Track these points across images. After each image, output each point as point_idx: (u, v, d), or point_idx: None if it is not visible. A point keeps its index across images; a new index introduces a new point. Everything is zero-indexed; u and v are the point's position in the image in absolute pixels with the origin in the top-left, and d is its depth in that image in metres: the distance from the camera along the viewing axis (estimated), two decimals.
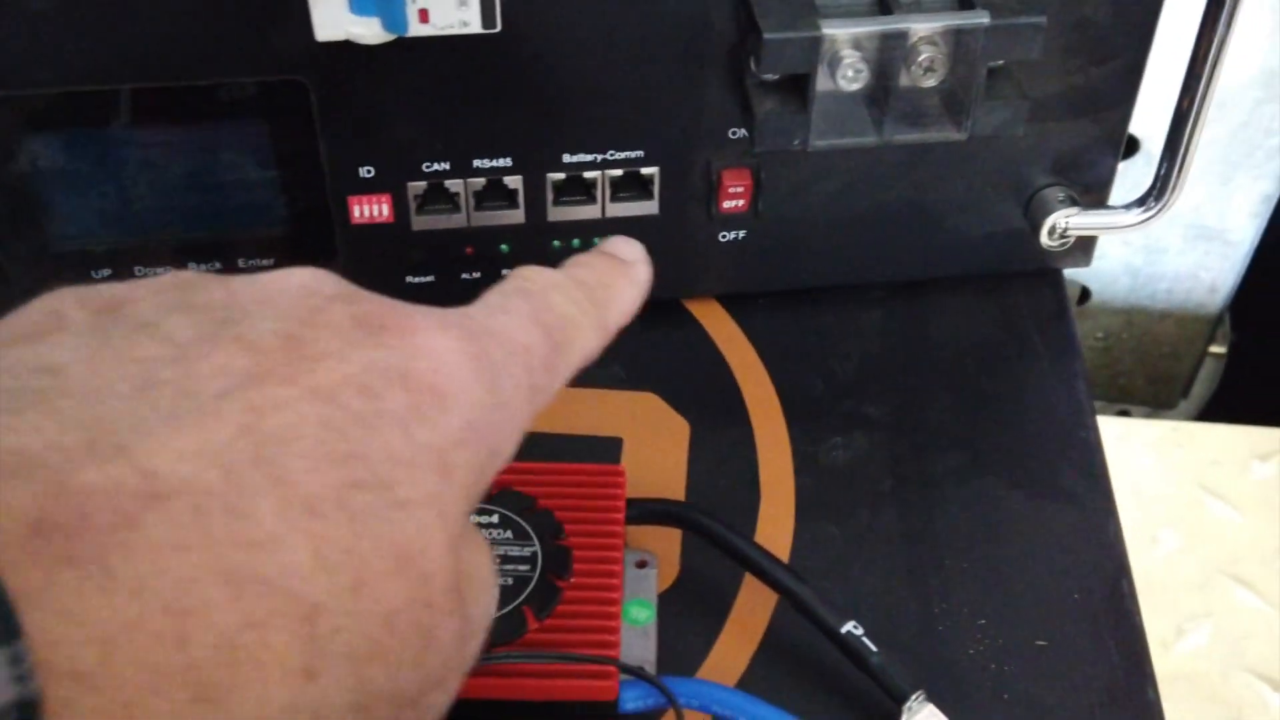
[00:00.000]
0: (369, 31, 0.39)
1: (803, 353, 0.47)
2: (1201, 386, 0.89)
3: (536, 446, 0.44)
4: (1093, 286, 0.82)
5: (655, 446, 0.44)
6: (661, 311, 0.48)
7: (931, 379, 0.46)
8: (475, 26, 0.39)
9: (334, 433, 0.22)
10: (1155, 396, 0.89)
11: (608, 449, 0.44)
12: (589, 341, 0.29)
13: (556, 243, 0.46)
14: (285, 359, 0.23)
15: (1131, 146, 0.70)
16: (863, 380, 0.46)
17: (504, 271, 0.46)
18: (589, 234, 0.46)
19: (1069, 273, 0.50)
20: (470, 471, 0.24)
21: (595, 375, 0.46)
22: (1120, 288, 0.83)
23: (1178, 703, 0.68)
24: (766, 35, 0.38)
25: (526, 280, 0.29)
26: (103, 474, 0.20)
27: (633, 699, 0.35)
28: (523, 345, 0.27)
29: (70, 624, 0.19)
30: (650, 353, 0.47)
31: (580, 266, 0.31)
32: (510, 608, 0.36)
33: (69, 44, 0.39)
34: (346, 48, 0.40)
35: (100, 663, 0.19)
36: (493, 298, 0.28)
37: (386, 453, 0.22)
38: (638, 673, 0.35)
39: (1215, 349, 0.86)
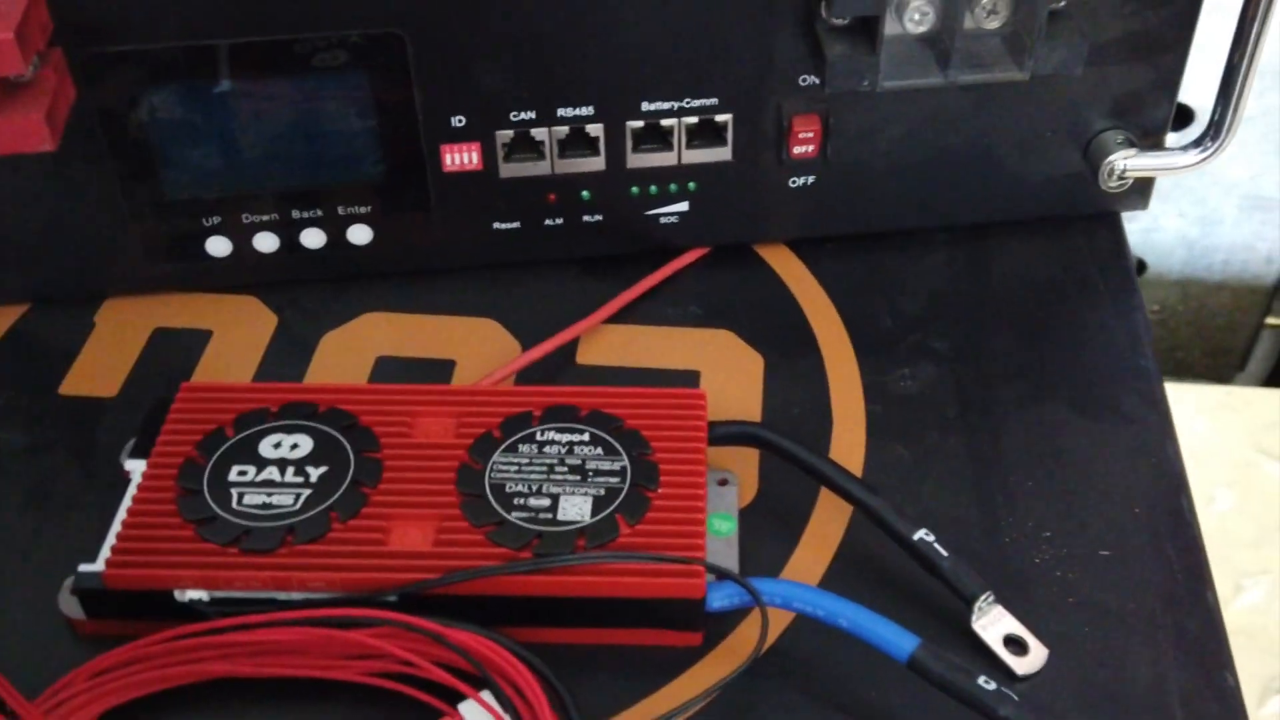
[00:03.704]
0: None
1: (870, 292, 0.49)
2: (1258, 359, 0.90)
3: (619, 378, 0.47)
4: (1148, 259, 0.83)
5: (732, 379, 0.46)
6: (733, 255, 0.51)
7: (995, 315, 0.48)
8: None
9: None
10: (1212, 370, 0.89)
11: (685, 380, 0.46)
12: None
13: (635, 189, 0.48)
14: None
15: (1186, 117, 0.72)
16: (929, 317, 0.48)
17: (585, 218, 0.49)
18: (666, 180, 0.48)
19: None
20: None
21: (673, 314, 0.49)
22: (1175, 260, 0.83)
23: (1236, 655, 0.69)
24: None
25: None
26: None
27: (719, 598, 0.37)
28: None
29: None
30: (725, 293, 0.49)
31: None
32: (604, 515, 0.38)
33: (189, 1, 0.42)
34: (444, 0, 0.42)
35: None
36: None
37: None
38: (724, 572, 0.37)
39: (1272, 320, 0.87)
